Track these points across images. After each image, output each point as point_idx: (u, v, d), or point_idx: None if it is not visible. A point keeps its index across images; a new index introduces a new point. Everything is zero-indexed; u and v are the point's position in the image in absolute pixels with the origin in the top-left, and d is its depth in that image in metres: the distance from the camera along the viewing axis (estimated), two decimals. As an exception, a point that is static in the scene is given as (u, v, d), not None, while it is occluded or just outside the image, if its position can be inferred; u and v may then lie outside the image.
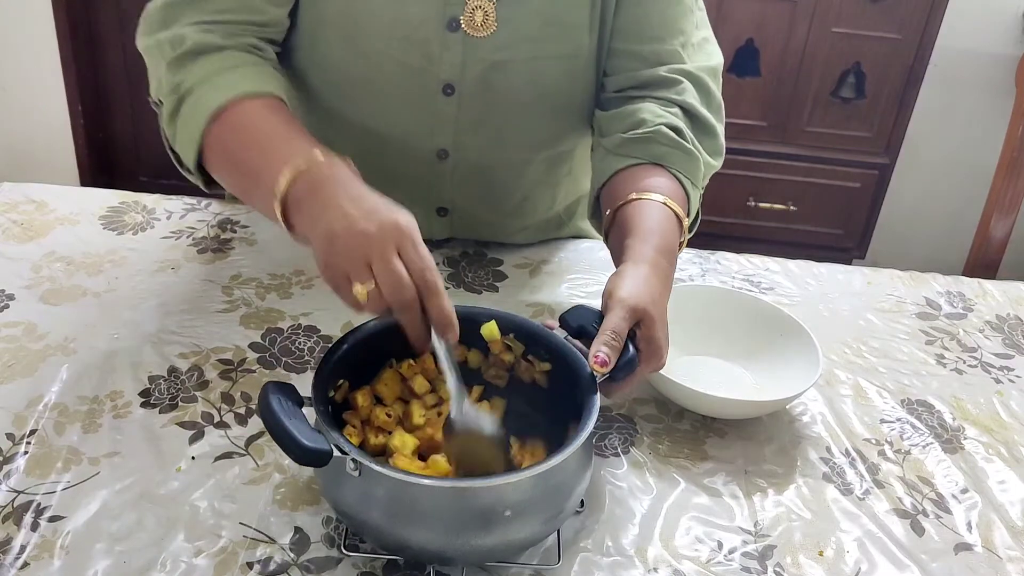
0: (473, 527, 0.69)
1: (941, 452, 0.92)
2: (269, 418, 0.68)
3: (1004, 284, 1.22)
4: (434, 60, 0.98)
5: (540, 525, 0.71)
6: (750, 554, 0.78)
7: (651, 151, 0.97)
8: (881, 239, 2.63)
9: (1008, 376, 1.04)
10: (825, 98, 2.38)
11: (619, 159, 0.98)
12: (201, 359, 0.93)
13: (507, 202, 1.14)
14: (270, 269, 1.08)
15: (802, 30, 2.30)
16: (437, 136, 1.04)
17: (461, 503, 0.69)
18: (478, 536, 0.69)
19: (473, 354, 0.85)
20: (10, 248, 1.08)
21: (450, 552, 0.70)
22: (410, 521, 0.68)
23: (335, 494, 0.72)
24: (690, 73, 1.02)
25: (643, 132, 0.97)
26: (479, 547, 0.70)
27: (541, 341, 0.82)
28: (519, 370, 0.84)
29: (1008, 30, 2.44)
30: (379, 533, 0.70)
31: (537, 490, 0.70)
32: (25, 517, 0.74)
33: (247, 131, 0.88)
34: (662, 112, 0.99)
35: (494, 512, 0.69)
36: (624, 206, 0.93)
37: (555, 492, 0.71)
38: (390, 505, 0.69)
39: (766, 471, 0.87)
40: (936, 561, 0.79)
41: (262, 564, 0.72)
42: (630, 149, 0.98)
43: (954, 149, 2.60)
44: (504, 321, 0.82)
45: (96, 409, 0.86)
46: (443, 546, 0.69)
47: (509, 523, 0.69)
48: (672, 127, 0.98)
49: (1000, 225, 2.20)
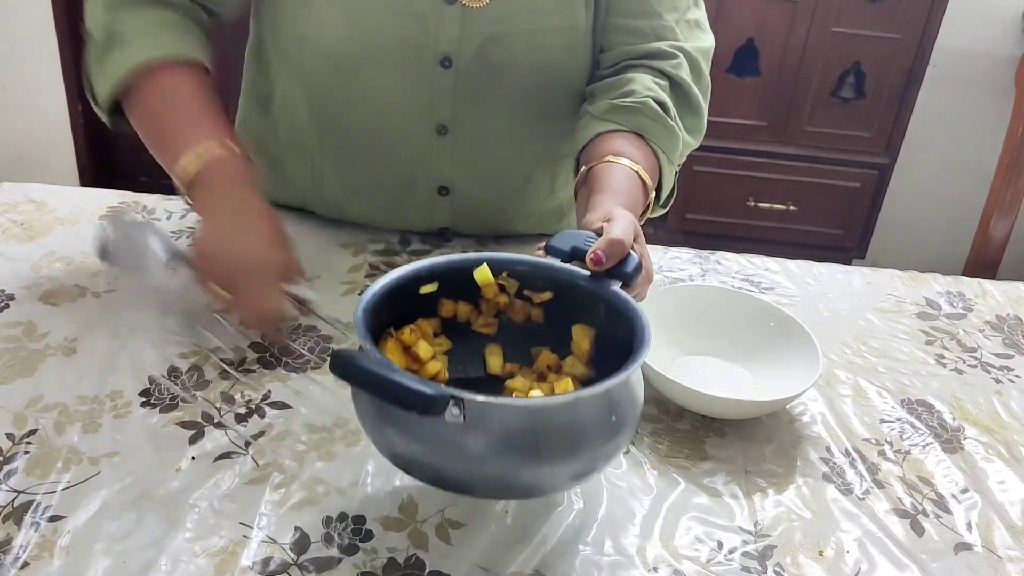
0: (592, 438, 0.68)
1: (941, 452, 0.92)
2: (367, 376, 0.64)
3: (1004, 284, 1.22)
4: (431, 33, 0.99)
5: (631, 428, 0.72)
6: (750, 554, 0.78)
7: (635, 121, 1.00)
8: (881, 239, 2.63)
9: (1008, 376, 1.04)
10: (825, 98, 2.38)
11: (602, 123, 1.01)
12: (201, 359, 0.93)
13: (508, 182, 1.14)
14: (270, 269, 1.08)
15: (802, 30, 2.31)
16: (436, 111, 1.05)
17: (581, 414, 0.68)
18: (594, 445, 0.69)
19: (462, 307, 0.83)
20: (10, 248, 1.08)
21: (556, 478, 0.70)
22: (532, 450, 0.66)
23: (413, 447, 0.68)
24: (686, 51, 1.05)
25: (631, 102, 1.00)
26: (596, 457, 0.70)
27: (540, 271, 0.81)
28: (512, 311, 0.83)
29: (1008, 30, 2.44)
30: (479, 478, 0.68)
31: (627, 390, 0.71)
32: (25, 517, 0.74)
33: (168, 98, 0.96)
34: (652, 85, 1.02)
35: (607, 420, 0.69)
36: (597, 166, 0.96)
37: (636, 392, 0.73)
38: (505, 440, 0.66)
39: (766, 471, 0.87)
40: (936, 561, 0.79)
41: (262, 564, 0.72)
42: (615, 116, 1.00)
43: (954, 149, 2.60)
44: (495, 262, 0.81)
45: (96, 409, 0.86)
46: (554, 472, 0.68)
47: (617, 429, 0.70)
48: (659, 102, 1.01)
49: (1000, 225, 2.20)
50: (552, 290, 0.82)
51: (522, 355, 0.84)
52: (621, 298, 0.77)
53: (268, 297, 0.89)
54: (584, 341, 0.80)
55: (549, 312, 0.83)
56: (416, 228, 1.17)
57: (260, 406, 0.88)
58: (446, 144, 1.07)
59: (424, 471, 0.70)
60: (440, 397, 0.62)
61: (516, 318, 0.84)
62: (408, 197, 1.13)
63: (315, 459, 0.82)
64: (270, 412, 0.87)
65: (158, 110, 0.96)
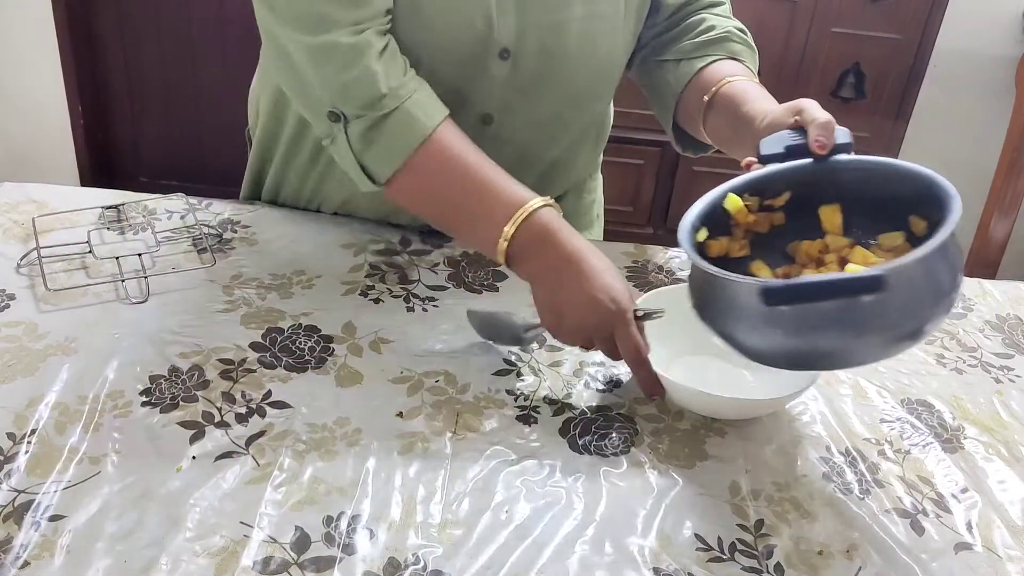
0: (933, 296, 0.74)
1: (941, 452, 0.92)
2: (814, 287, 0.71)
3: (1004, 284, 1.22)
4: (493, 25, 0.99)
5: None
6: (750, 554, 0.78)
7: (728, 48, 1.06)
8: (881, 239, 2.63)
9: (1008, 376, 1.04)
10: (825, 98, 2.38)
11: (699, 59, 1.06)
12: (202, 359, 0.93)
13: (538, 165, 1.15)
14: (270, 269, 1.08)
15: (802, 30, 2.31)
16: (485, 101, 1.05)
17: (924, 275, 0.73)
18: (934, 309, 0.74)
19: (723, 242, 0.86)
20: (10, 248, 1.08)
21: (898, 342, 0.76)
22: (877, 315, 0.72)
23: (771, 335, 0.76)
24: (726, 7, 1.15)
25: (717, 34, 1.07)
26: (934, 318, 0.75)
27: (773, 177, 0.85)
28: (759, 226, 0.87)
29: (1008, 30, 2.44)
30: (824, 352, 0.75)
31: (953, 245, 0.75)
32: (25, 517, 0.75)
33: (454, 166, 0.94)
34: (724, 19, 1.10)
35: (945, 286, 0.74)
36: (722, 88, 1.00)
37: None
38: (845, 315, 0.72)
39: (766, 471, 0.87)
40: (936, 561, 0.79)
41: (262, 564, 0.72)
42: (707, 49, 1.07)
43: (954, 149, 2.60)
44: (735, 188, 0.85)
45: (96, 409, 0.86)
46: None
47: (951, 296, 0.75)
48: (739, 28, 1.08)
49: (1000, 225, 2.21)
50: (789, 189, 0.86)
51: (780, 259, 0.88)
52: (874, 162, 0.83)
53: (624, 340, 0.88)
54: (835, 216, 0.85)
55: (789, 211, 0.87)
56: None
57: (260, 406, 0.88)
58: (490, 132, 1.07)
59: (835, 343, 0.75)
60: (877, 274, 0.68)
61: (762, 230, 0.87)
62: None
63: (315, 459, 0.82)
64: (270, 412, 0.87)
65: (448, 182, 0.94)
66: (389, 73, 0.92)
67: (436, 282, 1.09)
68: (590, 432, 0.89)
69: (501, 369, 0.96)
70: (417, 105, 0.93)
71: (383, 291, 1.06)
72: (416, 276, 1.09)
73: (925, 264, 0.71)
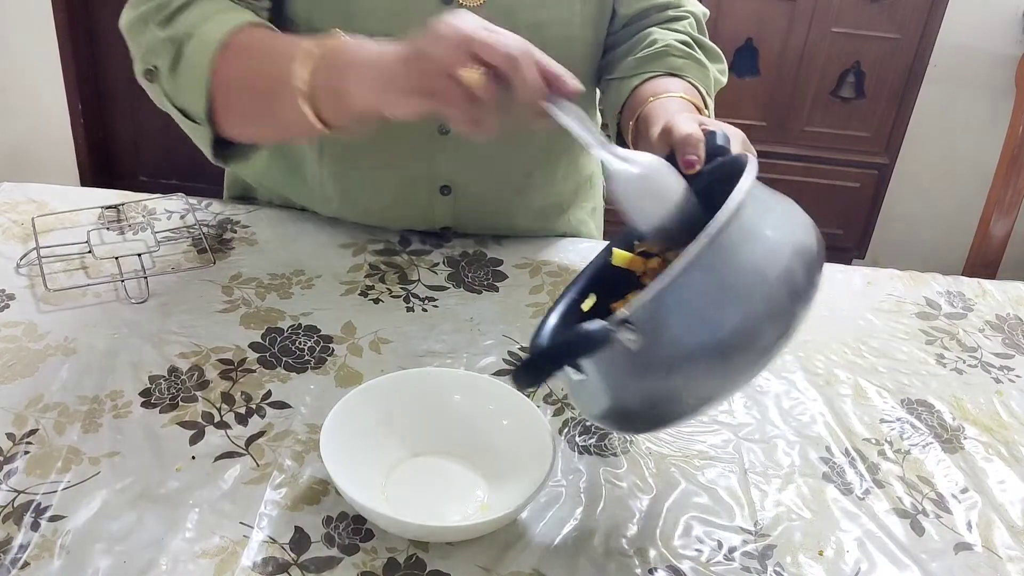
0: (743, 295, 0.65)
1: (941, 452, 0.92)
2: (543, 353, 0.65)
3: (1004, 284, 1.22)
4: None
5: None
6: (750, 554, 0.78)
7: (667, 63, 1.02)
8: (881, 239, 2.63)
9: (1008, 376, 1.04)
10: (825, 98, 2.38)
11: (636, 77, 1.02)
12: (201, 359, 0.93)
13: (510, 179, 1.14)
14: (270, 269, 1.08)
15: (802, 30, 2.31)
16: None
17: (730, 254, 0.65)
18: (797, 302, 0.65)
19: (627, 299, 0.78)
20: (10, 248, 1.08)
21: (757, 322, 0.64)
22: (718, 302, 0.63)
23: (627, 385, 0.66)
24: (692, 12, 1.09)
25: (657, 48, 1.02)
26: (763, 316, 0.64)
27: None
28: (663, 265, 0.79)
29: (1008, 30, 2.44)
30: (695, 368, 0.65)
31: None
32: (25, 517, 0.75)
33: (254, 51, 0.87)
34: (669, 32, 1.05)
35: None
36: (645, 108, 0.96)
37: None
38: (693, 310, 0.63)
39: (766, 471, 0.87)
40: (936, 561, 0.79)
41: (262, 564, 0.72)
42: (646, 66, 1.02)
43: (954, 149, 2.60)
44: (619, 242, 0.80)
45: (96, 409, 0.86)
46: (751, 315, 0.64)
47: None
48: (683, 42, 1.03)
49: (1000, 225, 2.21)
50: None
51: None
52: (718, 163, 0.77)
53: (499, 31, 0.74)
54: (623, 257, 0.79)
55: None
56: (417, 227, 1.17)
57: (260, 406, 0.88)
58: (448, 143, 1.07)
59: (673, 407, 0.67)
60: (603, 326, 0.62)
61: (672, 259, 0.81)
62: (409, 197, 1.13)
63: (315, 459, 0.82)
64: (270, 412, 0.87)
65: (250, 65, 0.87)
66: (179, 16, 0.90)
67: (436, 282, 1.09)
68: (590, 432, 0.89)
69: (501, 369, 0.96)
70: (211, 25, 0.88)
71: (383, 291, 1.06)
72: (416, 276, 1.09)
73: (684, 286, 0.63)
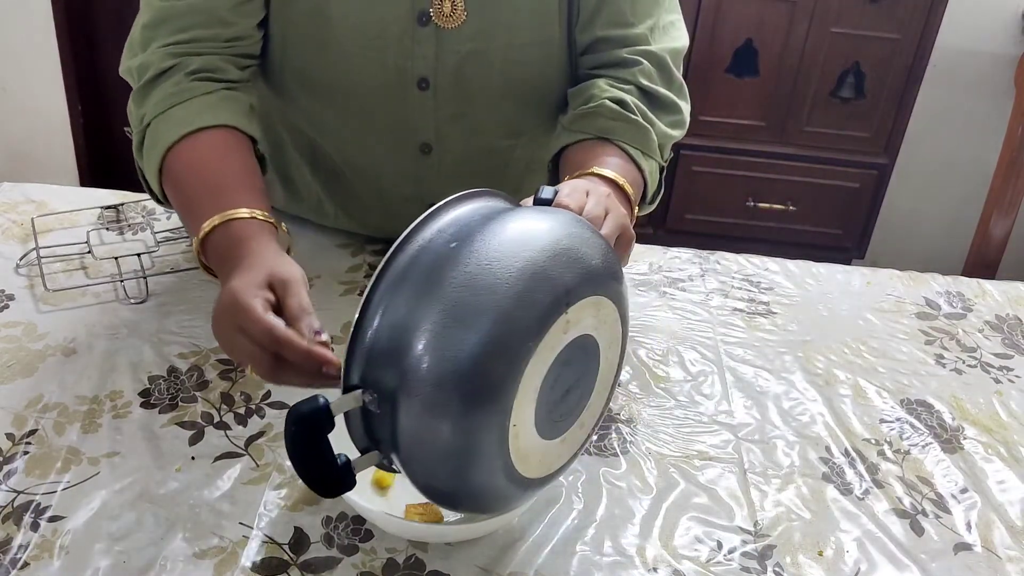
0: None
1: (940, 452, 0.92)
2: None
3: (1004, 284, 1.22)
4: (407, 56, 0.98)
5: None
6: (750, 554, 0.78)
7: (597, 125, 0.98)
8: (880, 239, 2.63)
9: (1007, 376, 1.04)
10: (824, 98, 2.38)
11: (568, 135, 1.00)
12: (201, 359, 0.93)
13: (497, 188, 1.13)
14: (270, 269, 1.08)
15: (801, 30, 2.30)
16: (419, 131, 1.04)
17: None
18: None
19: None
20: (9, 248, 1.08)
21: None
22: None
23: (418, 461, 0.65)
24: (652, 54, 1.03)
25: (590, 107, 0.99)
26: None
27: None
28: None
29: (1008, 30, 2.44)
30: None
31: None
32: (25, 517, 0.75)
33: (190, 174, 0.89)
34: (607, 87, 1.00)
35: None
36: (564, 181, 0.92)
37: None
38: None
39: (766, 471, 0.87)
40: (936, 561, 0.79)
41: (262, 564, 0.72)
42: (579, 124, 0.99)
43: (954, 149, 2.60)
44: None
45: (96, 409, 0.86)
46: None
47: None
48: (616, 100, 0.98)
49: (1000, 225, 2.20)
50: None
51: None
52: None
53: (252, 326, 0.72)
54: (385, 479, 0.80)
55: None
56: None
57: (260, 406, 0.88)
58: (431, 162, 1.07)
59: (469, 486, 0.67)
60: (323, 405, 0.61)
61: None
62: (398, 214, 1.12)
63: (315, 459, 0.82)
64: (270, 412, 0.87)
65: (183, 188, 0.90)
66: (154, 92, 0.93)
67: (435, 282, 1.08)
68: (589, 432, 0.89)
69: (500, 369, 0.96)
70: (171, 118, 0.91)
71: (382, 291, 1.06)
72: (415, 276, 1.09)
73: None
